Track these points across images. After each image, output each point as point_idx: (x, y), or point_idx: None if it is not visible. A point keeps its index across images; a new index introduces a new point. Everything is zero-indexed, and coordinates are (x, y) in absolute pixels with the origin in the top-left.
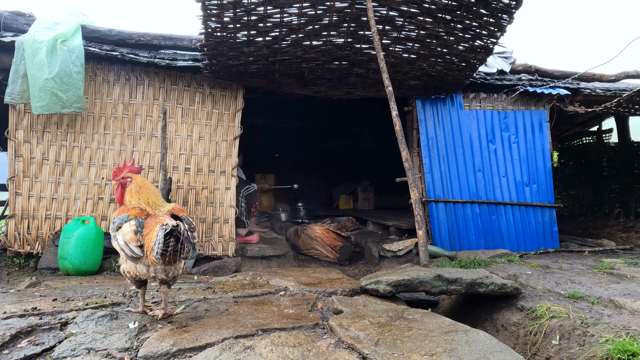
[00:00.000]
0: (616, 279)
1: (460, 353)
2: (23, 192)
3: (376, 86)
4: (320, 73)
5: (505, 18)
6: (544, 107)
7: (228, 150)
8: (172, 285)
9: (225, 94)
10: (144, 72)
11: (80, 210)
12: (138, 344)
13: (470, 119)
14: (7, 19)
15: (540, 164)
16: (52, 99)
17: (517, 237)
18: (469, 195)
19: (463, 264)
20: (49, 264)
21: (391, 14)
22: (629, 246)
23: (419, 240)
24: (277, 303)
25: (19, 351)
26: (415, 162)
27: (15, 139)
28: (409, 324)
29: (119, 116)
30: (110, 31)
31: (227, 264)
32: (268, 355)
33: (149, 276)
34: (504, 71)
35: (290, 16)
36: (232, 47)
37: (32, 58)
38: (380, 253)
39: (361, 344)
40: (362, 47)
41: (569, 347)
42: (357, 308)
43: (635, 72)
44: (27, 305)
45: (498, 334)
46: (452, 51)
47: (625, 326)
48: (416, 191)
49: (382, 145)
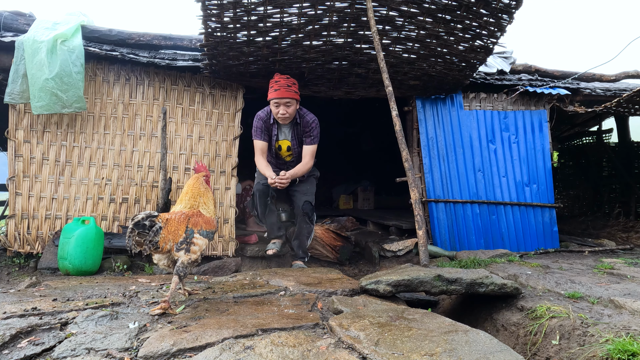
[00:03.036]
0: (616, 279)
1: (460, 353)
2: (23, 192)
3: (376, 86)
4: (320, 73)
5: (505, 18)
6: (544, 107)
7: (228, 151)
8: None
9: (225, 94)
10: (144, 72)
11: (80, 210)
12: (138, 344)
13: (470, 119)
14: (7, 19)
15: (540, 164)
16: (52, 99)
17: (517, 237)
18: (469, 195)
19: (463, 264)
20: (49, 264)
21: (391, 14)
22: (629, 246)
23: (419, 240)
24: (277, 303)
25: (19, 351)
26: (415, 162)
27: (15, 139)
28: (409, 324)
29: (119, 116)
30: (110, 31)
31: (227, 263)
32: (268, 355)
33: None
34: (504, 71)
35: (290, 16)
36: (232, 47)
37: (32, 58)
38: (380, 253)
39: (361, 344)
40: (362, 47)
41: (569, 347)
42: (357, 308)
43: (635, 72)
44: (27, 305)
45: (498, 334)
46: (452, 51)
47: (625, 326)
48: (416, 191)
49: (382, 145)
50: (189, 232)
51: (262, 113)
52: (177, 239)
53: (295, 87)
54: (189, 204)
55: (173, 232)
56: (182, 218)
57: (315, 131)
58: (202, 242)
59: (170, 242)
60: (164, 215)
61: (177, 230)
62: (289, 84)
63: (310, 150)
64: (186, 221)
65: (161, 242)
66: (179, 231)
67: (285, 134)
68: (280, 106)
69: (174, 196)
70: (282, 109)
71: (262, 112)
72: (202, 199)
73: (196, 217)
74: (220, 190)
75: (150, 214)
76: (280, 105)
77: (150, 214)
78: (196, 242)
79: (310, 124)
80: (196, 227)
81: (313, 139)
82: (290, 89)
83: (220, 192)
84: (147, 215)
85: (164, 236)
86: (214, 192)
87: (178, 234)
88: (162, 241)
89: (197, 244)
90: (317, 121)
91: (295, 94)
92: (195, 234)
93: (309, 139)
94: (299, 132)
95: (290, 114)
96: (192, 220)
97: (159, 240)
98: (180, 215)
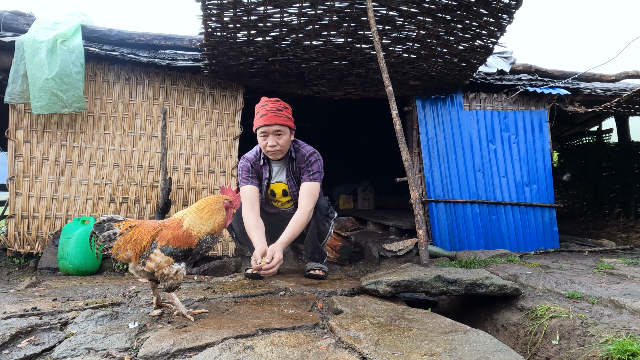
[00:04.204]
0: (616, 279)
1: (460, 353)
2: (23, 192)
3: (376, 86)
4: (320, 73)
5: (505, 18)
6: (544, 107)
7: (228, 150)
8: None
9: (225, 94)
10: (144, 72)
11: (80, 210)
12: (138, 344)
13: (470, 119)
14: (7, 19)
15: (540, 164)
16: (52, 99)
17: (517, 237)
18: (469, 195)
19: (463, 264)
20: (49, 264)
21: (391, 13)
22: (629, 246)
23: (419, 240)
24: (277, 303)
25: (19, 351)
26: (415, 162)
27: (15, 139)
28: (409, 324)
29: (119, 116)
30: (110, 31)
31: (227, 264)
32: (268, 355)
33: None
34: (504, 71)
35: (290, 16)
36: (232, 47)
37: (32, 58)
38: (380, 253)
39: (361, 344)
40: (362, 47)
41: (569, 347)
42: (357, 308)
43: (635, 72)
44: (27, 305)
45: (498, 334)
46: (452, 51)
47: (625, 326)
48: (416, 191)
49: (382, 145)
50: (153, 245)
51: (250, 154)
52: (138, 249)
53: (288, 112)
54: (187, 214)
55: (134, 242)
56: (151, 228)
57: (316, 165)
58: (160, 259)
59: (129, 251)
60: (132, 221)
61: (141, 240)
62: (279, 108)
63: (308, 188)
64: (155, 232)
65: (115, 250)
66: (142, 242)
67: (278, 175)
68: (269, 136)
69: (174, 196)
70: (271, 140)
71: (250, 154)
72: (203, 215)
73: (168, 229)
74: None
75: (112, 218)
76: (269, 135)
77: (113, 218)
78: (153, 258)
79: (308, 157)
80: (161, 241)
81: (312, 174)
82: (281, 113)
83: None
84: (108, 219)
85: (120, 244)
86: (214, 192)
87: (141, 245)
88: (117, 248)
89: (153, 260)
90: (317, 154)
91: (287, 120)
92: (155, 249)
93: (307, 174)
94: (295, 169)
95: (282, 146)
96: (161, 233)
97: (112, 247)
98: (151, 225)
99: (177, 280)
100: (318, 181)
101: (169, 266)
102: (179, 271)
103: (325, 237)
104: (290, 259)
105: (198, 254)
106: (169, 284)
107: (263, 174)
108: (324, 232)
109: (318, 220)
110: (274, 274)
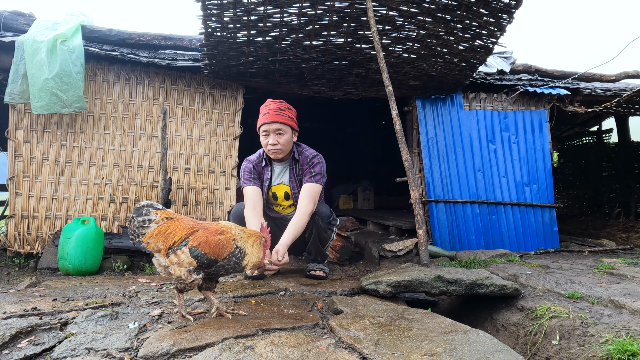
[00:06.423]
0: (616, 279)
1: (460, 353)
2: (23, 192)
3: (376, 86)
4: (320, 73)
5: (505, 18)
6: (544, 107)
7: (228, 150)
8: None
9: (225, 94)
10: (144, 72)
11: (80, 210)
12: (138, 344)
13: (470, 119)
14: (7, 19)
15: (540, 164)
16: (52, 99)
17: (517, 237)
18: (469, 195)
19: (463, 264)
20: (49, 264)
21: (391, 13)
22: (629, 246)
23: (419, 240)
24: (277, 303)
25: (19, 351)
26: (415, 162)
27: (15, 139)
28: (409, 324)
29: (119, 116)
30: (110, 31)
31: None
32: (268, 355)
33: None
34: (504, 71)
35: (290, 16)
36: (232, 47)
37: (32, 58)
38: (380, 253)
39: (361, 344)
40: (362, 47)
41: (569, 347)
42: (357, 308)
43: (635, 72)
44: (27, 305)
45: (498, 334)
46: (452, 51)
47: (625, 326)
48: (416, 191)
49: (382, 145)
50: (184, 242)
51: (253, 156)
52: (169, 242)
53: (291, 113)
54: (234, 227)
55: (167, 235)
56: (188, 225)
57: (318, 167)
58: (184, 258)
59: (160, 242)
60: (171, 213)
61: (174, 234)
62: (282, 108)
63: (309, 189)
64: (190, 231)
65: (147, 238)
66: (175, 237)
67: (280, 177)
68: (270, 135)
69: (174, 196)
70: (272, 138)
71: (253, 156)
72: (253, 242)
73: (205, 232)
74: (220, 190)
75: (152, 204)
76: (270, 133)
77: (152, 205)
78: (179, 254)
79: (311, 159)
80: (194, 241)
81: (314, 176)
82: (283, 113)
83: (220, 192)
84: (148, 204)
85: (154, 233)
86: (213, 192)
87: (173, 239)
88: (149, 237)
89: (178, 256)
90: (321, 157)
91: (289, 119)
92: (185, 247)
93: (309, 175)
94: (297, 171)
95: (283, 145)
96: (197, 234)
97: (145, 235)
98: (189, 223)
99: (189, 287)
100: (320, 183)
101: (189, 273)
102: (195, 281)
103: (327, 243)
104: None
105: (220, 269)
106: (181, 286)
107: (264, 175)
108: (326, 239)
109: (320, 229)
110: (276, 272)
